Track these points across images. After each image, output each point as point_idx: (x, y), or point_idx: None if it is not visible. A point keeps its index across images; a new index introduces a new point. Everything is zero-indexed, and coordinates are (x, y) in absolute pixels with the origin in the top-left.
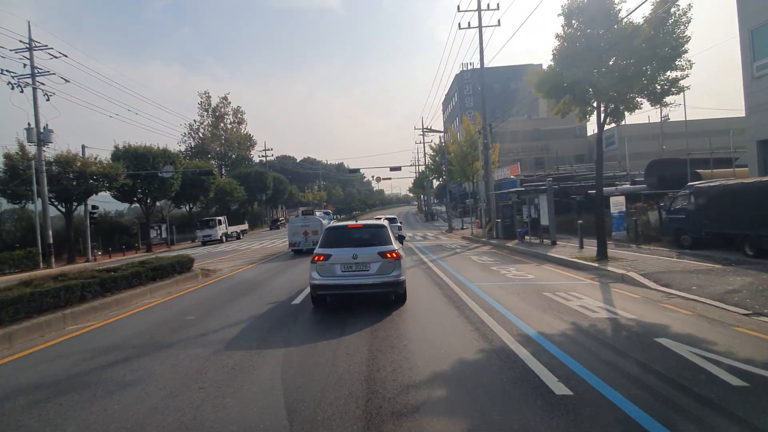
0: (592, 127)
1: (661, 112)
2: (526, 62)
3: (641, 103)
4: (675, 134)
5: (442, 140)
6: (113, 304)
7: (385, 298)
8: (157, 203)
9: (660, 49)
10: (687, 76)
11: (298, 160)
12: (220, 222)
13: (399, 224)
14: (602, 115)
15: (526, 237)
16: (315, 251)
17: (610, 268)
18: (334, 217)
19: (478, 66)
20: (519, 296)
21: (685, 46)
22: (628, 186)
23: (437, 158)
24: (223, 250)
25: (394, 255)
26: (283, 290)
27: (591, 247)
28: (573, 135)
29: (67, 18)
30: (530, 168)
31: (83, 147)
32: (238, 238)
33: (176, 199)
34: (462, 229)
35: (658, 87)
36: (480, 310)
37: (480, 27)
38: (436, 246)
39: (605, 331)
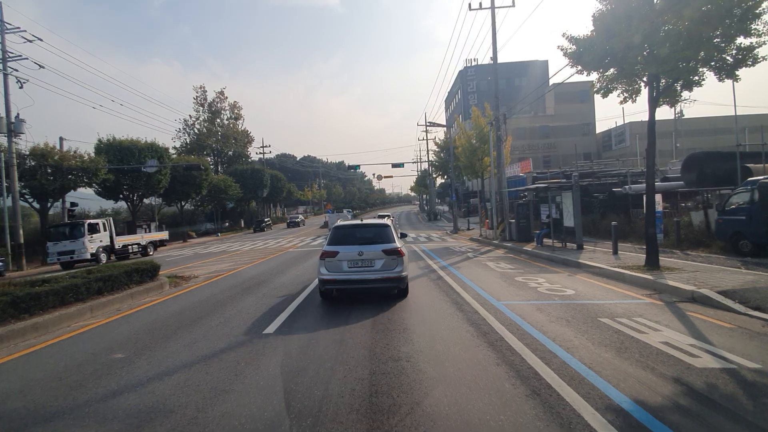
0: (601, 124)
1: (674, 110)
2: (531, 59)
3: (704, 78)
4: (688, 131)
5: (448, 135)
6: (28, 330)
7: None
8: (145, 200)
9: (732, 9)
10: (765, 43)
11: (297, 158)
12: (94, 229)
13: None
14: (655, 93)
15: (545, 240)
16: (323, 248)
17: (670, 282)
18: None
19: (482, 63)
20: (569, 325)
21: (764, 5)
22: (661, 183)
23: (442, 154)
24: (211, 252)
25: (398, 252)
26: (256, 310)
27: (625, 253)
28: (581, 132)
29: (68, 15)
30: (537, 166)
31: (61, 139)
32: (143, 254)
33: (166, 197)
34: (468, 229)
35: (729, 57)
36: (525, 350)
37: (493, 7)
38: (443, 249)
39: (738, 398)
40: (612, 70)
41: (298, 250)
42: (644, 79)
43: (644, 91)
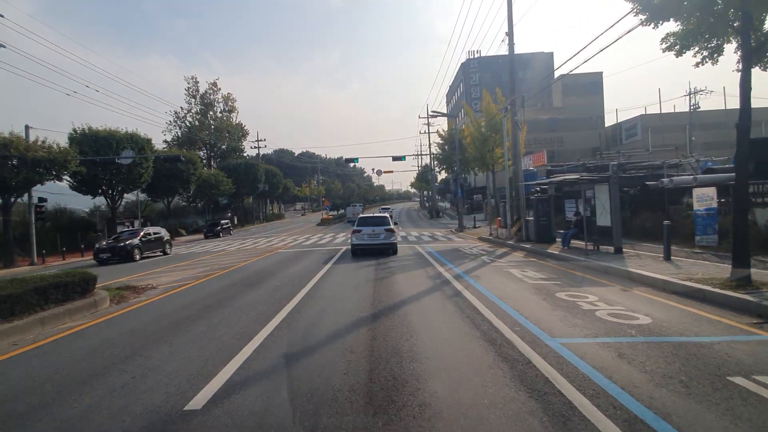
0: (610, 117)
1: (689, 101)
2: (535, 51)
3: None
4: (702, 125)
5: (453, 125)
6: None
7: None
8: (126, 195)
9: None
10: None
11: (296, 154)
12: None
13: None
14: (748, 46)
15: (573, 241)
16: (354, 228)
17: None
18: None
19: (484, 54)
20: (691, 393)
21: None
22: (709, 176)
23: (446, 147)
24: (193, 252)
25: (392, 231)
26: (201, 350)
27: (680, 259)
28: (589, 126)
29: (64, 10)
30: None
31: (27, 128)
32: None
33: (150, 192)
34: (474, 227)
35: None
36: None
37: None
38: (452, 251)
39: None
40: (693, 19)
41: (289, 250)
42: (735, 25)
43: (727, 49)
